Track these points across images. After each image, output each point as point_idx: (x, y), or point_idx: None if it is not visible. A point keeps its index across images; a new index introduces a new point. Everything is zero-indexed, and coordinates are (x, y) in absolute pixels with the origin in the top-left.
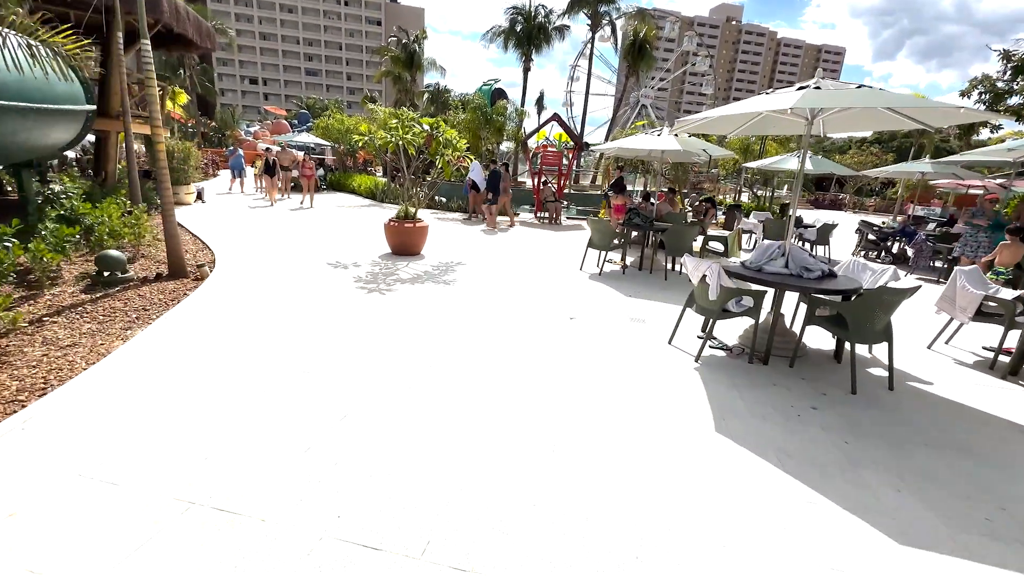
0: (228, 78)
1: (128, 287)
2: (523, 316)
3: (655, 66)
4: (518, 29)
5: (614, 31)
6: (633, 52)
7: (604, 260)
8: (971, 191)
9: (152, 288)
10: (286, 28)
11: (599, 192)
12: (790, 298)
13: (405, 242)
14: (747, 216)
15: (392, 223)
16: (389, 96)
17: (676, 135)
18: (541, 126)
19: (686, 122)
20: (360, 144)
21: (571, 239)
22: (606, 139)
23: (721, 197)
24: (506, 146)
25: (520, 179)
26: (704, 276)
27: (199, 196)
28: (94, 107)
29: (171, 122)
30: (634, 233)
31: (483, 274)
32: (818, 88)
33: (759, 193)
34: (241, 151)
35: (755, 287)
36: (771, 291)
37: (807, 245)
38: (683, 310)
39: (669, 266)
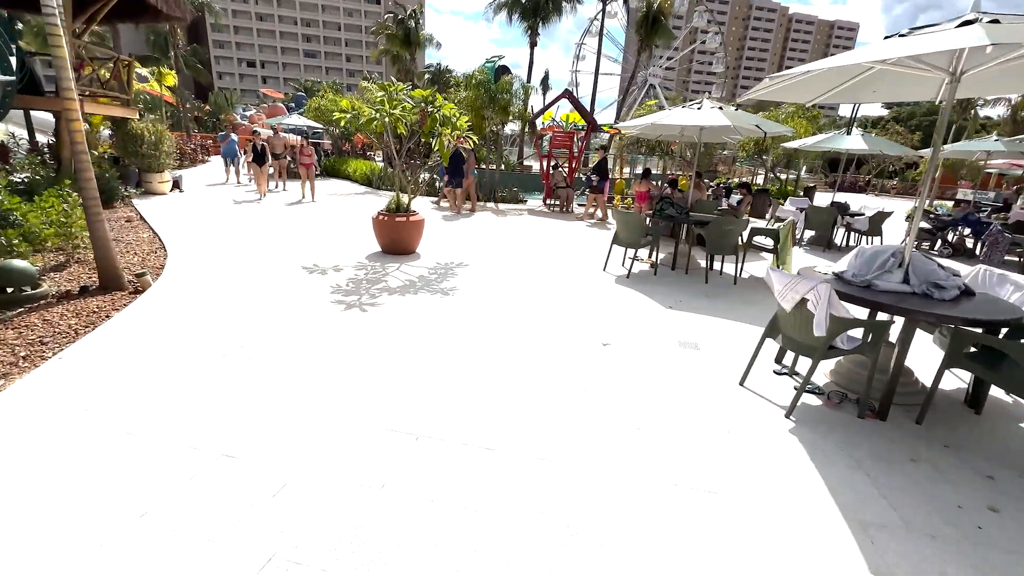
0: (225, 61)
1: (37, 307)
2: (542, 342)
3: (671, 41)
4: (523, 0)
5: (626, 0)
6: (646, 24)
7: (633, 261)
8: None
9: (69, 307)
10: (283, 8)
11: (584, 176)
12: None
13: (396, 239)
14: (783, 202)
15: (381, 217)
16: (389, 77)
17: (721, 108)
18: (550, 104)
19: (782, 76)
20: (343, 123)
21: (587, 229)
22: (616, 119)
23: (736, 180)
24: (511, 128)
25: (527, 163)
26: (804, 300)
27: (176, 185)
28: (12, 78)
29: (165, 105)
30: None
31: (490, 278)
32: (995, 21)
33: (781, 176)
34: (235, 136)
35: (864, 313)
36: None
37: (855, 238)
38: (761, 342)
39: (707, 265)
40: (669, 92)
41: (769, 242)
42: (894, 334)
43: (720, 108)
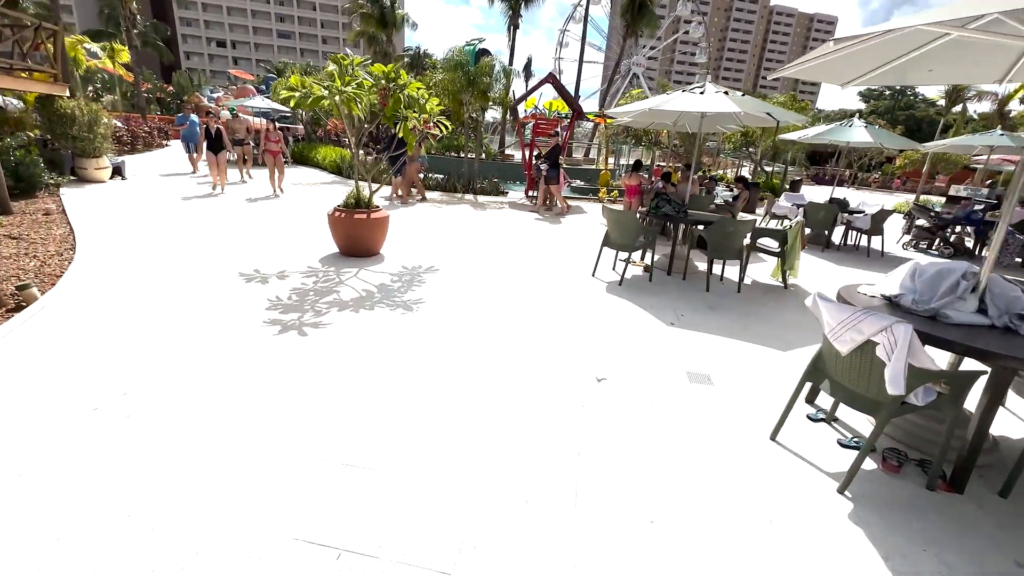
0: (193, 40)
1: None
2: (523, 378)
3: (656, 27)
4: None
5: None
6: (632, 10)
7: (627, 266)
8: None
9: None
10: None
11: (531, 163)
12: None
13: (355, 239)
14: (775, 197)
15: (338, 214)
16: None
17: (727, 92)
18: (533, 89)
19: (861, 36)
20: (292, 103)
21: (572, 225)
22: (600, 108)
23: (721, 172)
24: (492, 116)
25: (508, 152)
26: (873, 343)
27: (117, 172)
28: None
29: (123, 83)
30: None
31: (461, 286)
32: None
33: (767, 168)
34: (195, 117)
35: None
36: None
37: (854, 236)
38: (799, 388)
39: (708, 270)
40: (652, 82)
41: (773, 244)
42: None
43: (726, 93)
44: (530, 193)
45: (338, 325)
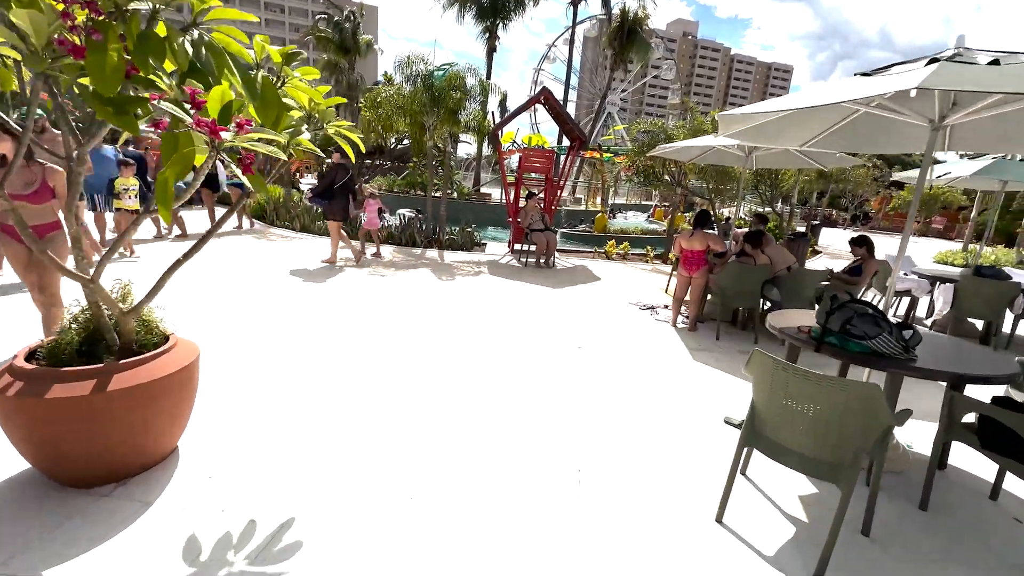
0: None
1: None
2: None
3: (647, 55)
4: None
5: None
6: (621, 36)
7: (835, 529)
8: None
9: None
10: None
11: (597, 210)
12: None
13: (67, 448)
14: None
15: (11, 385)
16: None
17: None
18: (523, 108)
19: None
20: None
21: (594, 311)
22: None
23: (721, 212)
24: (466, 150)
25: (484, 190)
26: None
27: None
28: None
29: None
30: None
31: None
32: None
33: (767, 210)
34: (110, 149)
35: None
36: None
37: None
38: None
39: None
40: (625, 120)
41: None
42: None
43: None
44: (517, 247)
45: None
